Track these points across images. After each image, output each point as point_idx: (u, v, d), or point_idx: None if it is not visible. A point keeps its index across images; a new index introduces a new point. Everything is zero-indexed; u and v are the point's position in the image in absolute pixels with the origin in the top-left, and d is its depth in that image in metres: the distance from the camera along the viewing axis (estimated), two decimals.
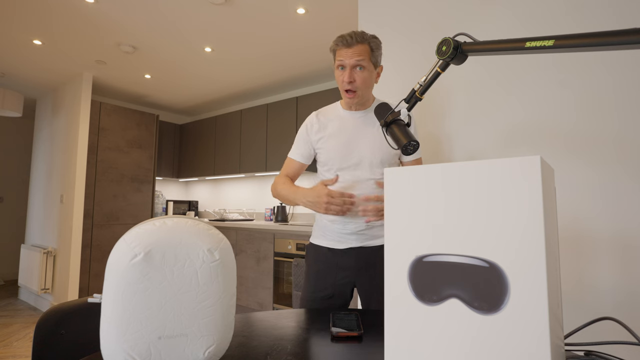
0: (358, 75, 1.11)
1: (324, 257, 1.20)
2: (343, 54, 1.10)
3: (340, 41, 1.11)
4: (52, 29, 2.57)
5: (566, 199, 1.20)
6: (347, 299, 1.20)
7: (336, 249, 1.18)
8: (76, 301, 0.88)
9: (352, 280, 1.18)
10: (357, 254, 1.17)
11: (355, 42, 1.09)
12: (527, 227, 0.42)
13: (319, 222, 1.25)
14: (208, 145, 4.26)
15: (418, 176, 0.51)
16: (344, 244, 1.17)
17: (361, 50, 1.10)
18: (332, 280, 1.18)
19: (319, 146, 1.22)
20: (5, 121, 4.88)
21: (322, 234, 1.22)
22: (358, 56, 1.09)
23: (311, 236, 1.28)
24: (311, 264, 1.24)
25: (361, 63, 1.10)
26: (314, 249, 1.24)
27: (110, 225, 3.58)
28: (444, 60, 0.79)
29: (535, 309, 0.41)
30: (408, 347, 0.49)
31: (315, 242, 1.25)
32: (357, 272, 1.17)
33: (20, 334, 2.94)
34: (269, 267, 3.01)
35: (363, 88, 1.13)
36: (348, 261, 1.17)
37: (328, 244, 1.20)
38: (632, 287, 1.07)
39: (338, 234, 1.18)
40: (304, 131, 1.26)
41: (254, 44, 2.80)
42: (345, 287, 1.19)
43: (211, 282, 0.57)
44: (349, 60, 1.09)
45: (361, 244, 1.16)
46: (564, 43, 0.59)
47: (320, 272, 1.20)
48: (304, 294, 1.22)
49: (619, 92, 1.15)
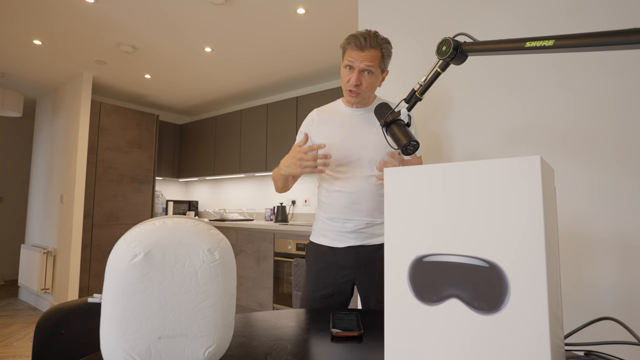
0: (365, 79, 1.11)
1: (324, 255, 1.20)
2: (354, 55, 1.09)
3: (353, 41, 1.08)
4: (52, 29, 2.57)
5: (566, 199, 1.20)
6: (347, 297, 1.21)
7: (336, 248, 1.18)
8: (76, 301, 0.88)
9: (351, 278, 1.18)
10: (356, 253, 1.17)
11: (368, 46, 1.07)
12: (527, 227, 0.42)
13: (318, 220, 1.25)
14: (208, 145, 4.26)
15: (418, 176, 0.51)
16: (344, 243, 1.17)
17: (373, 55, 1.08)
18: (332, 279, 1.18)
19: (320, 141, 1.22)
20: (5, 121, 4.88)
21: (322, 233, 1.22)
22: (369, 61, 1.08)
23: (311, 235, 1.28)
24: (311, 263, 1.24)
25: (370, 68, 1.09)
26: (314, 248, 1.24)
27: (110, 225, 3.58)
28: (444, 60, 0.79)
29: (535, 309, 0.41)
30: (408, 347, 0.49)
31: (315, 241, 1.25)
32: (356, 271, 1.17)
33: (20, 334, 2.94)
34: (269, 267, 3.01)
35: (367, 91, 1.13)
36: (348, 260, 1.17)
37: (328, 243, 1.20)
38: (632, 287, 1.07)
39: (337, 232, 1.18)
40: (304, 127, 1.27)
41: (254, 44, 2.80)
42: (345, 285, 1.19)
43: (211, 282, 0.57)
44: (358, 64, 1.08)
45: (361, 243, 1.16)
46: (564, 43, 0.59)
47: (320, 270, 1.20)
48: (304, 293, 1.22)
49: (618, 92, 1.15)
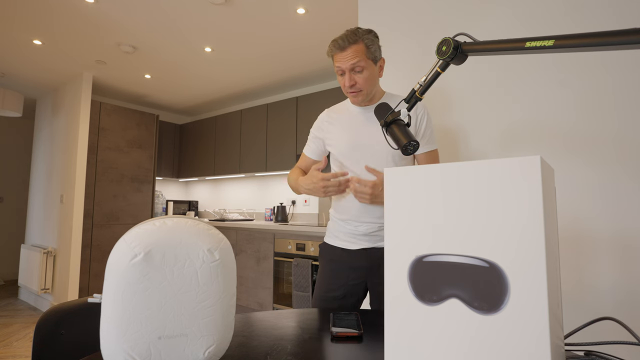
0: (358, 77, 1.10)
1: (337, 257, 1.21)
2: (339, 58, 1.09)
3: (333, 46, 1.09)
4: (52, 29, 2.57)
5: (566, 199, 1.20)
6: (359, 298, 1.21)
7: (349, 250, 1.19)
8: (76, 301, 0.87)
9: (364, 280, 1.19)
10: (368, 255, 1.17)
11: (347, 44, 1.07)
12: (527, 227, 0.42)
13: (332, 221, 1.26)
14: (208, 145, 4.26)
15: (418, 176, 0.51)
16: (356, 245, 1.18)
17: (355, 51, 1.07)
18: (344, 281, 1.19)
19: (330, 142, 1.23)
20: (5, 121, 4.88)
21: (335, 234, 1.23)
22: (353, 58, 1.07)
23: (325, 235, 1.29)
24: (325, 264, 1.25)
25: (358, 64, 1.08)
26: (328, 249, 1.25)
27: (110, 225, 3.58)
28: (444, 60, 0.79)
29: (535, 309, 0.41)
30: (408, 347, 0.49)
31: (328, 242, 1.26)
32: (368, 273, 1.18)
33: (20, 334, 2.94)
34: (269, 267, 3.01)
35: (366, 87, 1.12)
36: (360, 262, 1.18)
37: (341, 244, 1.21)
38: (632, 287, 1.07)
39: (350, 234, 1.19)
40: (315, 127, 1.29)
41: (254, 44, 2.80)
42: (357, 287, 1.19)
43: (211, 282, 0.57)
44: (345, 65, 1.08)
45: (373, 245, 1.17)
46: (564, 43, 0.59)
47: (333, 271, 1.21)
48: (316, 293, 1.23)
49: (618, 92, 1.15)
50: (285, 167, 3.42)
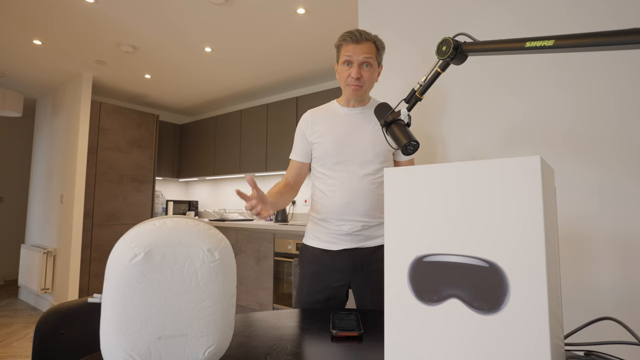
0: (365, 72, 1.12)
1: (318, 259, 1.18)
2: (351, 49, 1.10)
3: (348, 36, 1.11)
4: (52, 28, 2.57)
5: (566, 199, 1.20)
6: (342, 300, 1.19)
7: (331, 251, 1.16)
8: (76, 301, 0.88)
9: (347, 282, 1.17)
10: (351, 256, 1.14)
11: (364, 39, 1.10)
12: (527, 227, 0.42)
13: (312, 222, 1.23)
14: (208, 145, 4.26)
15: (417, 176, 0.51)
16: (338, 245, 1.15)
17: (369, 47, 1.11)
18: (327, 283, 1.15)
19: (314, 141, 1.20)
20: (5, 121, 4.88)
21: (316, 235, 1.20)
22: (367, 53, 1.10)
23: (304, 237, 1.25)
24: (305, 267, 1.21)
25: (369, 60, 1.11)
26: (308, 251, 1.21)
27: (110, 225, 3.58)
28: (444, 60, 0.79)
29: (535, 309, 0.41)
30: (408, 347, 0.49)
31: (308, 244, 1.22)
32: (352, 274, 1.15)
33: (20, 334, 2.94)
34: (269, 267, 3.01)
35: (368, 84, 1.14)
36: (343, 263, 1.15)
37: (322, 245, 1.17)
38: (632, 287, 1.07)
39: (332, 234, 1.16)
40: (299, 129, 1.26)
41: (254, 43, 2.80)
42: (340, 289, 1.17)
43: (211, 282, 0.57)
44: (357, 57, 1.10)
45: (356, 245, 1.14)
46: (564, 43, 0.59)
47: (314, 274, 1.17)
48: (298, 297, 1.19)
49: (618, 92, 1.15)
50: (285, 167, 3.42)
